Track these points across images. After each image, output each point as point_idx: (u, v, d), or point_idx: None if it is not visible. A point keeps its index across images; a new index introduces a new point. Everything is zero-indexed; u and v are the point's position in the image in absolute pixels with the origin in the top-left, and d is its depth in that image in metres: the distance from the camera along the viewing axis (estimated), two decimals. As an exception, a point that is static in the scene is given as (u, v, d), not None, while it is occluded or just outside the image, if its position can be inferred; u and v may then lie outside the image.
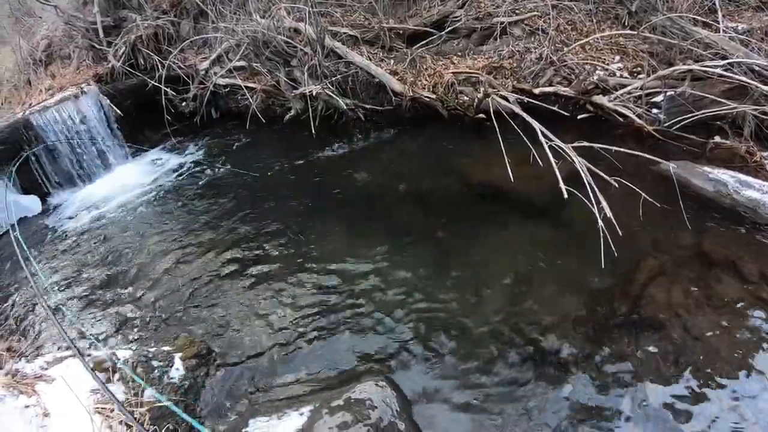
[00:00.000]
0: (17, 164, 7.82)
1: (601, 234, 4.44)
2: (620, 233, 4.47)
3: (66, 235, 7.22)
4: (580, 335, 4.15)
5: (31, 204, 8.11)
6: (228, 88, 9.31)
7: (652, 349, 3.94)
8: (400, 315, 4.63)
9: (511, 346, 4.14)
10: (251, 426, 3.47)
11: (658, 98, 7.02)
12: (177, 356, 4.06)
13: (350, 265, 5.35)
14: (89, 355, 3.81)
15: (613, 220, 4.49)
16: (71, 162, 8.47)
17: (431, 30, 8.73)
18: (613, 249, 4.38)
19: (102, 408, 3.36)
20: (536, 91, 7.61)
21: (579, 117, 7.38)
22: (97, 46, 9.97)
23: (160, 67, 9.23)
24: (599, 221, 4.51)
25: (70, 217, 7.76)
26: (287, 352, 4.41)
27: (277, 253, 5.74)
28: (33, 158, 8.11)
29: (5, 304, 5.97)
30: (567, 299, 4.49)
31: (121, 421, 3.27)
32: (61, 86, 9.54)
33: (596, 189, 4.77)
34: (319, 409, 3.50)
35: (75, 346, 2.41)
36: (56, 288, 6.04)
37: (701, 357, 3.82)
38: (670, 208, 5.07)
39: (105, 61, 9.74)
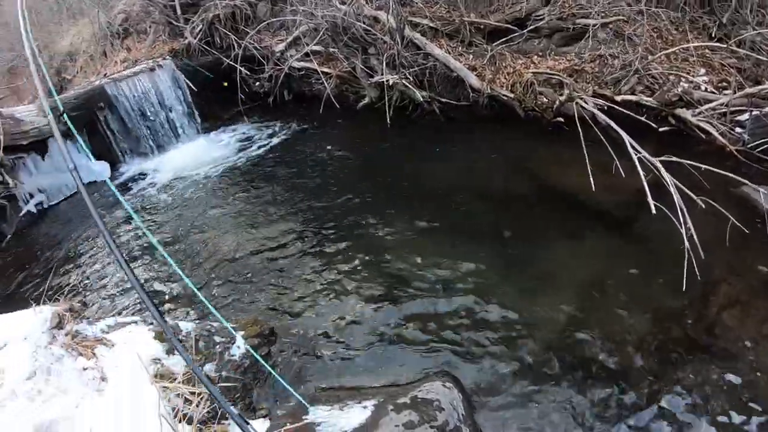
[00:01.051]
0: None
1: (686, 255, 4.23)
2: (702, 256, 4.26)
3: (132, 204, 7.29)
4: (646, 357, 3.93)
5: (101, 169, 8.14)
6: (302, 72, 9.30)
7: (717, 381, 3.70)
8: (466, 315, 4.48)
9: (575, 360, 3.96)
10: (311, 414, 3.36)
11: (743, 117, 6.66)
12: (239, 334, 3.99)
13: (417, 258, 5.23)
14: (151, 324, 3.78)
15: (697, 242, 4.30)
16: (142, 132, 8.61)
17: (513, 27, 8.54)
18: (696, 272, 4.19)
19: (161, 378, 3.34)
20: (618, 98, 7.34)
21: (660, 129, 7.07)
22: (174, 22, 10.07)
23: (236, 46, 9.29)
24: (685, 242, 4.30)
25: (137, 186, 7.91)
26: (350, 342, 4.32)
27: (343, 239, 5.68)
28: (105, 126, 8.25)
29: (70, 265, 6.08)
30: (637, 317, 4.27)
31: (179, 393, 3.25)
32: (136, 59, 9.75)
33: (684, 208, 4.56)
34: (384, 404, 3.38)
35: (154, 305, 2.33)
36: (111, 253, 6.08)
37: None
38: (751, 233, 4.78)
39: (181, 38, 9.85)
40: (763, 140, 6.20)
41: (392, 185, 6.72)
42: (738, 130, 6.63)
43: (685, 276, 4.16)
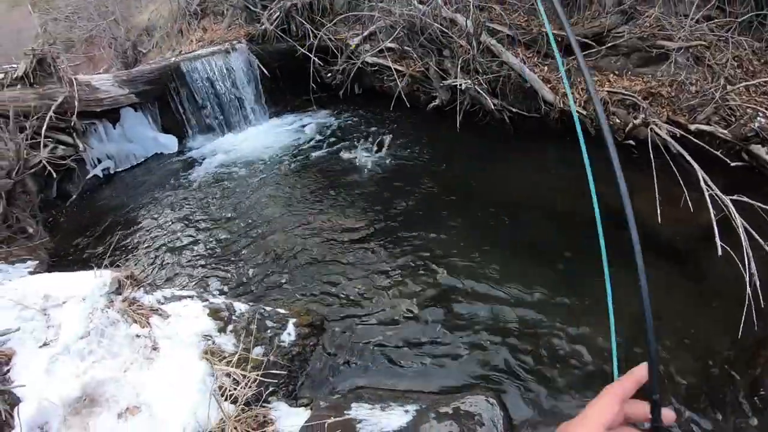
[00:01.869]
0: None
1: (746, 302, 4.02)
2: (763, 305, 4.05)
3: (194, 179, 7.58)
4: (690, 400, 3.78)
5: (168, 142, 8.50)
6: (375, 67, 9.27)
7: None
8: (517, 333, 4.40)
9: None
10: (354, 410, 3.36)
11: None
12: (291, 321, 4.08)
13: (472, 269, 5.17)
14: (207, 301, 3.83)
15: (759, 290, 4.09)
16: (212, 111, 8.83)
17: (591, 42, 8.34)
18: (755, 322, 3.99)
19: (210, 355, 3.39)
20: (692, 127, 7.04)
21: (732, 164, 6.79)
22: (251, 7, 10.18)
23: (311, 36, 9.34)
24: (747, 288, 4.09)
25: (202, 163, 8.11)
26: (398, 344, 4.30)
27: (401, 240, 5.66)
28: (176, 102, 8.50)
29: (131, 232, 6.29)
30: (684, 359, 4.10)
31: (229, 373, 3.27)
32: (212, 40, 9.95)
33: (750, 253, 4.33)
34: (426, 411, 3.35)
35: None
36: (172, 225, 6.26)
37: None
38: None
39: (257, 23, 9.94)
40: None
41: (455, 191, 6.65)
42: None
43: (742, 323, 3.97)
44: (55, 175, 6.85)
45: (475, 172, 7.15)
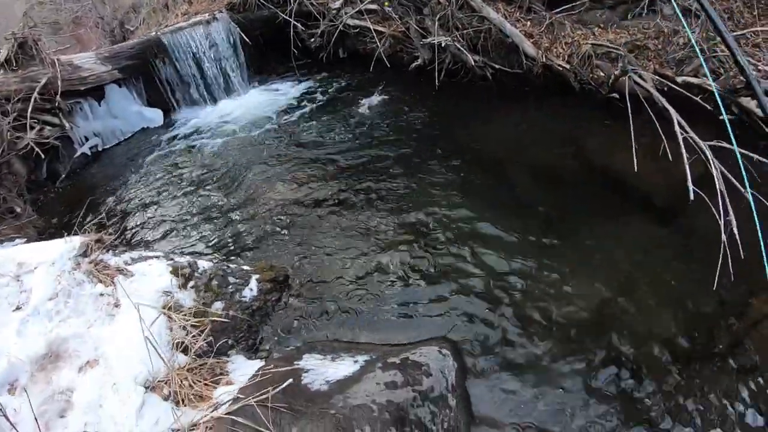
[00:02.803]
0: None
1: (722, 251, 3.95)
2: (743, 256, 3.92)
3: (179, 149, 7.61)
4: (665, 357, 3.71)
5: (154, 116, 8.51)
6: (357, 30, 9.18)
7: (744, 397, 3.44)
8: (490, 286, 4.36)
9: (592, 350, 3.77)
10: (304, 360, 3.39)
11: None
12: (254, 277, 4.12)
13: (449, 223, 5.14)
14: (172, 260, 3.88)
15: (738, 240, 3.98)
16: (196, 83, 8.81)
17: (576, -5, 8.24)
18: (731, 272, 3.89)
19: (168, 309, 3.45)
20: (679, 79, 6.90)
21: (721, 117, 6.65)
22: (233, -24, 10.06)
23: (292, 1, 9.20)
24: (723, 236, 4.01)
25: (188, 134, 8.14)
26: (363, 298, 4.31)
27: (378, 199, 5.63)
28: (160, 75, 8.53)
29: (115, 204, 6.40)
30: (665, 315, 4.01)
31: (184, 325, 3.34)
32: (197, 12, 9.90)
33: (727, 199, 4.23)
34: (374, 361, 3.37)
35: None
36: (157, 194, 6.36)
37: None
38: None
39: (239, -9, 9.84)
40: None
41: (435, 148, 6.61)
42: None
43: (717, 273, 3.89)
44: (43, 156, 6.92)
45: (457, 129, 7.09)
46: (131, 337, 3.14)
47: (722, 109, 4.18)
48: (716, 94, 6.03)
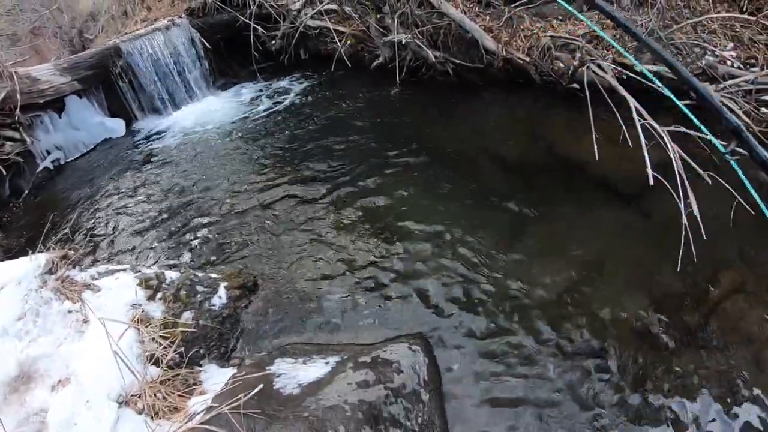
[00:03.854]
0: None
1: (683, 233, 4.05)
2: (704, 236, 4.06)
3: (142, 159, 7.52)
4: (636, 339, 3.78)
5: (116, 126, 8.43)
6: (318, 30, 9.17)
7: (711, 373, 3.53)
8: (456, 279, 4.41)
9: (563, 337, 3.83)
10: (276, 365, 3.40)
11: None
12: (222, 285, 4.12)
13: (416, 219, 5.18)
14: (139, 272, 3.87)
15: (699, 220, 4.09)
16: (157, 90, 8.74)
17: (533, -12, 8.33)
18: (693, 252, 4.02)
19: (136, 322, 3.44)
20: (638, 68, 7.07)
21: (680, 103, 6.77)
22: (191, -20, 9.99)
23: (251, 4, 9.16)
24: (683, 218, 4.12)
25: (150, 143, 8.05)
26: (333, 299, 4.33)
27: (344, 198, 5.67)
28: (120, 84, 8.41)
29: (80, 218, 6.28)
30: (633, 296, 4.10)
31: (154, 337, 3.34)
32: (156, 18, 9.80)
33: (686, 181, 4.35)
34: (345, 362, 3.40)
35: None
36: (122, 206, 6.29)
37: (763, 392, 3.39)
38: (764, 220, 4.52)
39: (197, -4, 9.78)
40: None
41: (399, 146, 6.63)
42: (764, 110, 6.24)
43: (680, 255, 4.01)
44: (5, 173, 6.85)
45: (421, 125, 7.15)
46: (102, 353, 3.12)
47: (670, 94, 4.27)
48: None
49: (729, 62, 6.88)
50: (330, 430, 2.60)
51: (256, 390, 2.66)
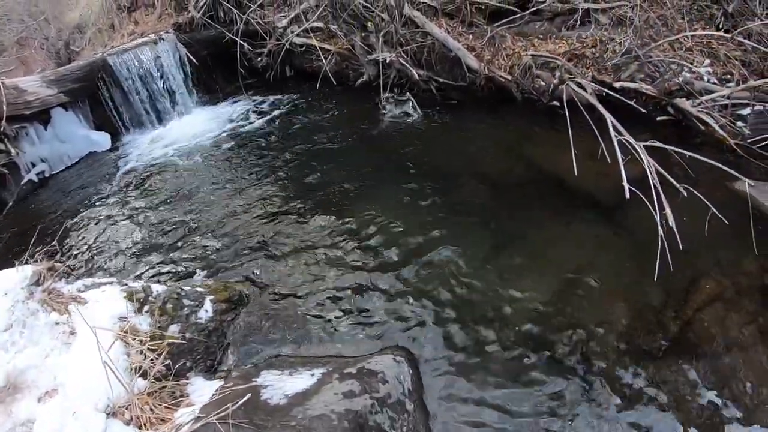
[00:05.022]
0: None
1: (660, 244, 4.16)
2: (681, 247, 4.18)
3: (128, 173, 7.54)
4: (617, 351, 3.85)
5: (101, 140, 8.42)
6: (303, 48, 9.30)
7: (692, 380, 3.61)
8: (439, 292, 4.49)
9: (545, 348, 3.92)
10: (262, 377, 3.44)
11: (746, 111, 6.43)
12: (208, 298, 4.13)
13: (398, 235, 5.26)
14: (125, 285, 3.90)
15: (676, 231, 4.21)
16: (143, 104, 8.76)
17: (514, 9, 8.49)
18: (670, 263, 4.13)
19: (124, 335, 3.46)
20: (617, 84, 7.19)
21: (658, 119, 6.91)
22: (179, -4, 10.09)
23: (238, 20, 9.28)
24: (660, 229, 4.21)
25: (136, 157, 8.04)
26: (318, 312, 4.39)
27: (329, 212, 5.72)
28: (106, 97, 8.43)
29: (67, 230, 6.25)
30: (614, 308, 4.20)
31: (141, 350, 3.36)
32: (143, 32, 9.84)
33: (662, 194, 4.44)
34: (331, 373, 3.44)
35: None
36: (107, 219, 6.32)
37: (745, 399, 3.48)
38: (740, 230, 4.60)
39: (186, 11, 9.86)
40: (765, 135, 5.85)
41: (382, 162, 6.75)
42: (739, 124, 6.39)
43: (657, 267, 4.09)
44: (-11, 185, 6.79)
45: (403, 142, 7.25)
46: (89, 365, 3.15)
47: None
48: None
49: (705, 78, 7.06)
50: (317, 438, 2.66)
51: (244, 399, 2.70)
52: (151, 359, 3.27)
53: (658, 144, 4.97)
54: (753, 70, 6.99)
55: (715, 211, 4.41)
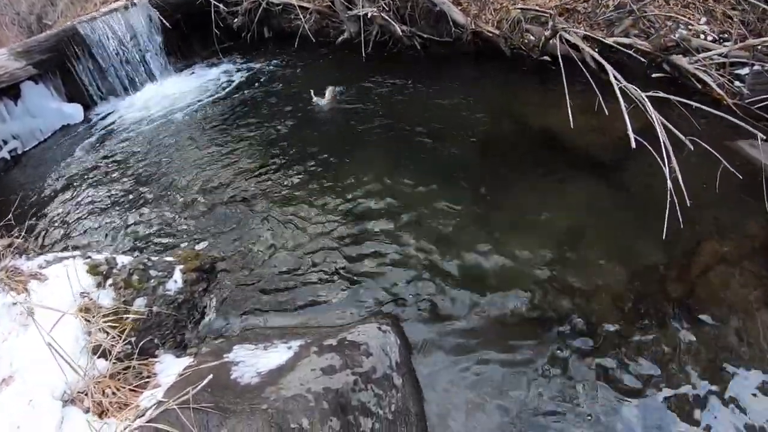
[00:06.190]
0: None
1: (668, 199, 3.89)
2: (688, 203, 3.93)
3: (100, 144, 7.32)
4: (619, 314, 3.63)
5: (74, 112, 8.16)
6: (281, 6, 8.97)
7: (694, 343, 3.41)
8: (428, 256, 4.26)
9: (544, 312, 3.70)
10: (234, 352, 3.17)
11: (744, 70, 6.20)
12: (178, 268, 3.87)
13: (384, 197, 5.03)
14: (89, 258, 3.63)
15: (683, 187, 3.93)
16: (116, 73, 8.50)
17: (502, -40, 8.15)
18: (680, 219, 3.89)
19: (85, 312, 3.22)
20: (610, 40, 6.88)
21: (653, 75, 6.65)
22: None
23: (212, -21, 8.90)
24: (668, 182, 3.94)
25: (108, 127, 7.84)
26: (297, 280, 4.16)
27: (311, 176, 5.52)
28: (78, 68, 8.15)
29: (23, 203, 6.10)
30: (615, 269, 3.97)
31: (101, 328, 3.12)
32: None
33: (669, 147, 4.16)
34: (309, 346, 3.15)
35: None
36: (79, 193, 6.14)
37: (747, 363, 3.29)
38: (744, 189, 4.40)
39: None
40: (762, 96, 5.65)
41: (366, 123, 6.49)
42: (737, 84, 6.17)
43: (666, 222, 3.83)
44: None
45: (389, 101, 7.00)
46: (46, 348, 2.91)
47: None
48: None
49: (702, 36, 6.78)
50: (292, 423, 2.37)
51: (204, 382, 2.41)
52: (113, 337, 3.01)
53: (662, 94, 4.67)
54: (751, 29, 6.74)
55: (726, 164, 4.17)
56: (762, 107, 5.58)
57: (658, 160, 4.13)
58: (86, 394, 2.73)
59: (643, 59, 6.77)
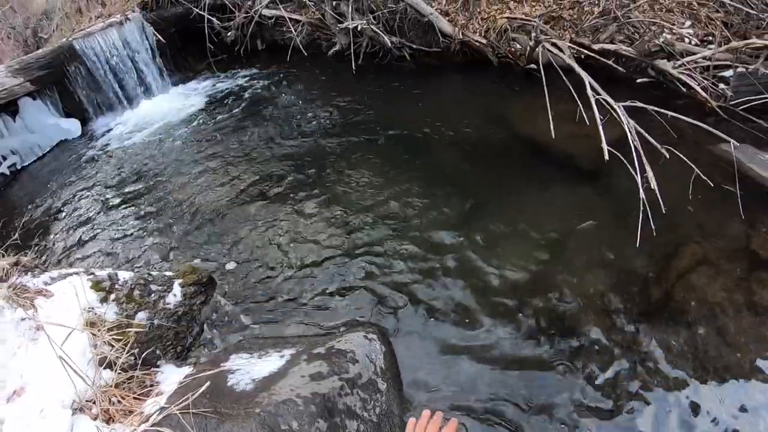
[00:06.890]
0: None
1: (641, 207, 4.08)
2: (664, 210, 4.10)
3: (98, 160, 7.38)
4: (602, 318, 3.76)
5: (71, 127, 8.26)
6: (273, 20, 9.11)
7: (675, 345, 3.54)
8: (414, 264, 4.41)
9: (526, 318, 3.82)
10: (231, 361, 3.35)
11: (728, 73, 6.34)
12: (176, 282, 4.01)
13: (372, 205, 5.20)
14: (92, 274, 3.78)
15: (658, 194, 4.11)
16: (112, 87, 8.57)
17: (488, -30, 8.31)
18: (653, 227, 4.05)
19: (91, 326, 3.37)
20: (595, 47, 7.03)
21: (638, 80, 6.80)
22: (144, -25, 9.81)
23: (205, -5, 9.05)
24: (641, 192, 4.13)
25: (106, 142, 7.90)
26: (290, 291, 4.31)
27: (305, 186, 5.65)
28: (74, 83, 8.24)
29: (24, 219, 6.13)
30: (597, 274, 4.10)
31: (106, 341, 3.28)
32: (110, 14, 9.55)
33: (643, 156, 4.35)
34: (300, 354, 3.33)
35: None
36: (78, 209, 6.20)
37: (728, 364, 3.41)
38: (724, 193, 4.56)
39: (151, -10, 9.61)
40: (747, 98, 5.81)
41: (357, 132, 6.64)
42: (721, 86, 6.29)
43: (639, 231, 4.02)
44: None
45: (379, 111, 7.15)
46: (55, 360, 3.08)
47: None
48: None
49: (686, 40, 6.94)
50: (283, 425, 2.56)
51: (201, 389, 2.61)
52: (117, 349, 3.19)
53: (638, 104, 4.86)
54: (735, 32, 6.87)
55: (699, 172, 4.33)
56: (746, 109, 5.75)
57: (631, 171, 4.32)
58: (94, 403, 2.90)
59: (628, 65, 6.94)
